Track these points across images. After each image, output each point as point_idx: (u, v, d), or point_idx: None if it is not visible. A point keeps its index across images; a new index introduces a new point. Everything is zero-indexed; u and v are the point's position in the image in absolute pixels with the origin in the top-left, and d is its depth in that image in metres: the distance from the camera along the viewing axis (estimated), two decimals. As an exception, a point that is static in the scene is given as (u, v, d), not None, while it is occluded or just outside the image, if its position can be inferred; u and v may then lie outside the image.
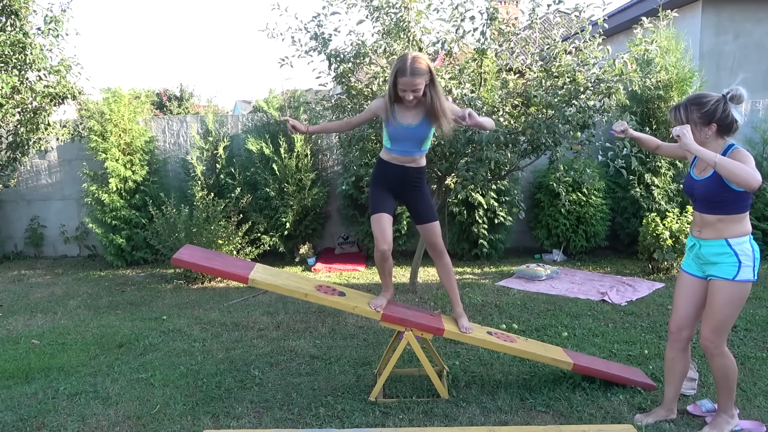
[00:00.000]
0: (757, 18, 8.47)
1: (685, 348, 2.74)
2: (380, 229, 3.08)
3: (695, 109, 2.47)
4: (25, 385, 3.45)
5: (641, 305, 4.74)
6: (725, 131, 2.48)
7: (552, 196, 6.47)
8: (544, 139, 4.38)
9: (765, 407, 2.94)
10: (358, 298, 3.20)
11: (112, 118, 6.55)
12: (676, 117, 2.52)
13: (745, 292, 2.53)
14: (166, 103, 20.16)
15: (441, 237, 3.21)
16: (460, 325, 3.17)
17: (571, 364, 3.12)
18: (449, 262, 3.26)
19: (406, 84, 2.84)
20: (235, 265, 3.14)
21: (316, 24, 4.62)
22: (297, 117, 6.74)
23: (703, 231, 2.57)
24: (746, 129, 6.76)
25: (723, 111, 2.44)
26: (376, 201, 3.15)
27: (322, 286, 3.20)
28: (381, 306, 3.09)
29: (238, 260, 3.31)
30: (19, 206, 7.40)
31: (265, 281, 2.96)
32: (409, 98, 2.89)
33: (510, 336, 3.33)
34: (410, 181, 3.15)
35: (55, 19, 5.88)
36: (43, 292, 5.77)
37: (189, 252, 3.10)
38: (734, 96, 2.44)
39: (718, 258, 2.53)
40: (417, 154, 3.10)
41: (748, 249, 2.49)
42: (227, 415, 2.98)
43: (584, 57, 4.36)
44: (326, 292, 3.08)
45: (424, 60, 2.86)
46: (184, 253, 3.03)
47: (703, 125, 2.47)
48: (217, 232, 5.74)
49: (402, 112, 3.00)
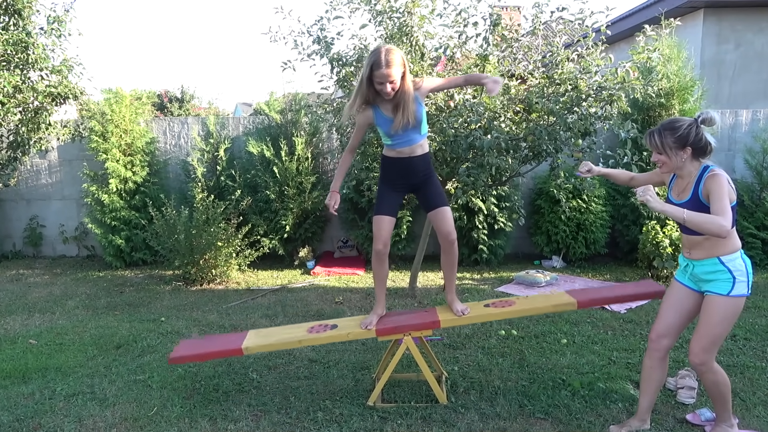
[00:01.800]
0: (758, 27, 8.50)
1: (663, 357, 2.73)
2: (378, 229, 3.08)
3: (669, 134, 2.51)
4: (22, 385, 3.44)
5: (641, 313, 4.74)
6: (700, 154, 2.52)
7: (552, 203, 6.47)
8: (546, 146, 4.38)
9: (764, 417, 2.93)
10: (350, 324, 3.22)
11: (113, 119, 6.56)
12: (651, 143, 2.57)
13: (739, 307, 2.53)
14: (167, 104, 20.18)
15: (453, 224, 3.16)
16: (454, 310, 3.14)
17: (575, 303, 3.06)
18: (457, 253, 3.22)
19: (382, 76, 2.83)
20: (229, 341, 3.24)
21: (319, 27, 4.63)
22: (298, 120, 6.75)
23: (693, 252, 2.59)
24: (747, 138, 6.77)
25: (696, 134, 2.48)
26: (381, 202, 3.14)
27: (314, 326, 3.24)
28: (371, 324, 3.08)
29: (230, 335, 3.41)
30: (18, 205, 7.39)
31: (257, 345, 3.09)
32: (387, 90, 2.87)
33: (508, 300, 3.24)
34: (418, 171, 3.12)
35: (57, 19, 5.89)
36: (41, 291, 5.75)
37: (184, 347, 3.23)
38: (706, 119, 2.48)
39: (712, 276, 2.54)
40: (418, 140, 3.07)
41: (741, 264, 2.51)
42: (225, 418, 2.97)
43: (586, 64, 4.37)
44: (318, 331, 3.14)
45: (397, 51, 2.87)
46: (179, 350, 3.17)
47: (677, 149, 2.51)
48: (217, 234, 5.74)
49: (384, 107, 2.99)
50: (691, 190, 2.52)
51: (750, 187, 6.50)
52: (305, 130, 6.76)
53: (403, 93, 2.91)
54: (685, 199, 2.54)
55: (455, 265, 3.25)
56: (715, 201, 2.39)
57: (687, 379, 3.17)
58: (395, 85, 2.88)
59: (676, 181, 2.65)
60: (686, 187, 2.55)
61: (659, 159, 2.57)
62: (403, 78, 2.90)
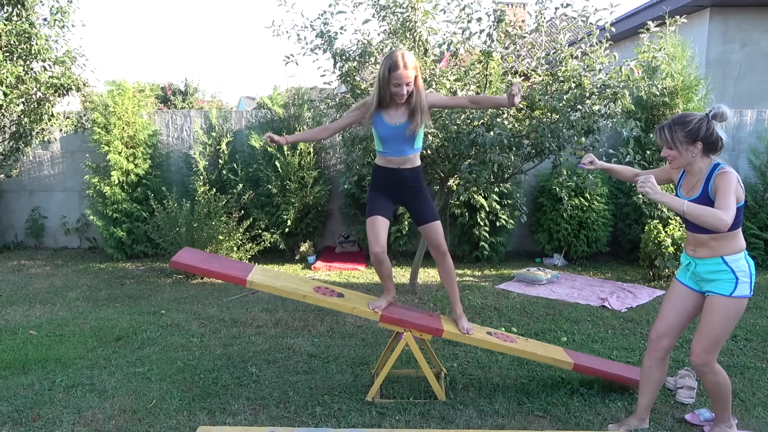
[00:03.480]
0: (764, 27, 8.45)
1: (663, 357, 2.72)
2: (374, 231, 3.08)
3: (679, 129, 2.48)
4: (21, 375, 3.44)
5: (641, 312, 4.73)
6: (711, 149, 2.49)
7: (554, 201, 6.45)
8: (548, 143, 4.36)
9: (764, 417, 2.92)
10: (357, 299, 3.19)
11: (116, 111, 6.55)
12: (662, 137, 2.54)
13: (741, 308, 2.51)
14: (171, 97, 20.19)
15: (443, 237, 3.19)
16: (460, 326, 3.16)
17: (572, 364, 3.10)
18: (451, 264, 3.24)
19: (400, 78, 2.87)
20: (233, 267, 3.13)
21: (322, 22, 4.61)
22: (301, 115, 6.74)
23: (698, 250, 2.56)
24: (751, 138, 6.74)
25: (707, 129, 2.45)
26: (373, 204, 3.15)
27: (321, 287, 3.20)
28: (380, 307, 3.08)
29: (236, 262, 3.31)
30: (20, 196, 7.40)
31: (263, 283, 2.96)
32: (402, 92, 2.91)
33: (510, 336, 3.33)
34: (407, 184, 3.14)
35: (61, 10, 5.88)
36: (42, 283, 5.76)
37: (187, 254, 3.12)
38: (717, 114, 2.44)
39: (714, 275, 2.52)
40: (410, 153, 3.09)
41: (744, 265, 2.49)
42: (223, 412, 2.97)
43: (590, 62, 4.35)
44: (324, 294, 3.08)
45: (412, 55, 2.94)
46: (182, 256, 3.05)
47: (688, 144, 2.48)
48: (218, 228, 5.73)
49: (388, 113, 3.01)
50: (701, 187, 2.49)
51: (754, 188, 6.47)
52: (308, 124, 6.75)
53: (418, 95, 2.95)
54: (694, 196, 2.51)
55: (453, 276, 3.25)
56: (720, 197, 2.36)
57: (686, 379, 3.16)
58: (410, 88, 2.93)
59: (685, 178, 2.62)
60: (696, 185, 2.52)
61: (669, 154, 2.54)
62: (416, 82, 2.94)
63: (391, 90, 2.93)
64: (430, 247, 3.21)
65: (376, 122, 3.04)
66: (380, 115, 3.02)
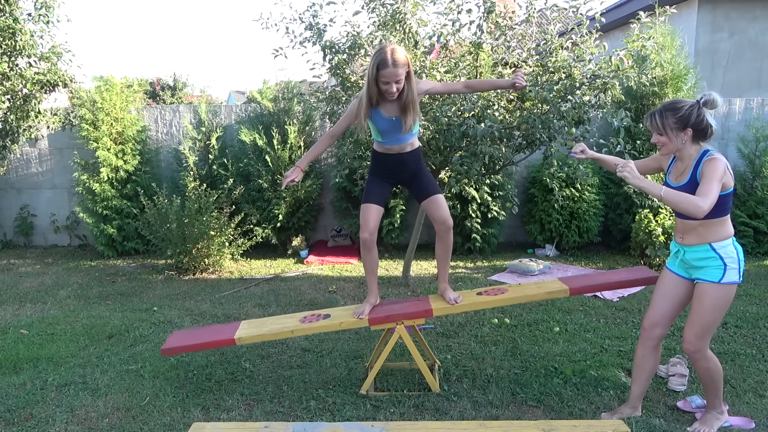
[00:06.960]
0: (752, 16, 8.48)
1: (656, 346, 2.75)
2: (365, 217, 3.07)
3: (670, 115, 2.49)
4: (13, 375, 3.42)
5: (633, 301, 4.76)
6: (701, 136, 2.50)
7: (545, 191, 6.47)
8: (539, 135, 4.36)
9: (754, 403, 2.96)
10: (342, 314, 3.21)
11: (104, 107, 6.49)
12: (652, 123, 2.55)
13: (731, 294, 2.54)
14: (159, 92, 20.01)
15: (448, 211, 3.14)
16: (447, 299, 3.14)
17: (568, 290, 3.08)
18: (452, 241, 3.22)
19: (388, 75, 2.78)
20: (221, 332, 3.23)
21: (311, 14, 4.57)
22: (290, 108, 6.70)
23: (686, 237, 2.58)
24: (740, 127, 6.78)
25: (697, 116, 2.46)
26: (369, 192, 3.13)
27: (307, 316, 3.24)
28: (364, 313, 3.08)
29: (223, 326, 3.39)
30: (8, 195, 7.32)
31: (250, 335, 3.07)
32: (392, 90, 2.82)
33: (500, 288, 3.26)
34: (408, 165, 3.12)
35: (45, 5, 5.79)
36: (32, 281, 5.71)
37: (175, 338, 3.22)
38: (708, 101, 2.46)
39: (703, 262, 2.54)
40: (408, 139, 3.07)
41: (732, 252, 2.51)
42: (217, 408, 2.97)
43: (580, 52, 4.35)
44: (311, 321, 3.13)
45: (402, 51, 2.82)
46: (171, 341, 3.15)
47: (678, 130, 2.49)
48: (209, 223, 5.71)
49: (385, 107, 2.96)
50: (689, 173, 2.51)
51: (743, 176, 6.51)
52: (298, 118, 6.72)
53: (410, 92, 2.86)
54: (683, 182, 2.53)
55: (449, 253, 3.24)
56: (703, 183, 2.38)
57: (678, 367, 3.19)
58: (400, 85, 2.83)
59: (675, 164, 2.64)
60: (685, 171, 2.54)
61: (659, 140, 2.56)
62: (408, 78, 2.84)
63: (380, 88, 2.84)
64: (435, 222, 3.14)
65: (374, 117, 2.99)
66: (378, 109, 2.96)
